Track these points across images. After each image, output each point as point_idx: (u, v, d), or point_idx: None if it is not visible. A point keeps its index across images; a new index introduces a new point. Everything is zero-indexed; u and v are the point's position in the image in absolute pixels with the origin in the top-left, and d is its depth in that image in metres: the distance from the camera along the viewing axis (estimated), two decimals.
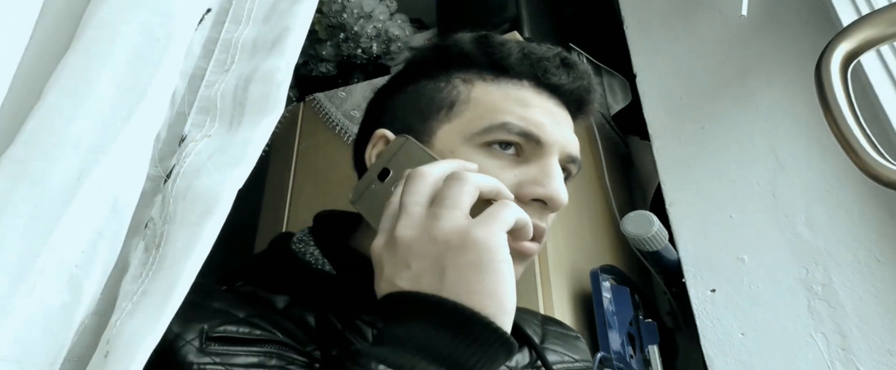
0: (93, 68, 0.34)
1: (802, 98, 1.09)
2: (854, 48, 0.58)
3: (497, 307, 0.38)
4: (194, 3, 0.40)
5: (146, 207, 0.37)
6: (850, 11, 1.02)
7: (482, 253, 0.39)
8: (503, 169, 0.53)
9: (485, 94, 0.56)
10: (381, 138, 0.57)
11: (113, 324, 0.29)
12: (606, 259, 1.17)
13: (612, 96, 1.50)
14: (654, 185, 1.27)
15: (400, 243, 0.41)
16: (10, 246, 0.28)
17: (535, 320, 0.71)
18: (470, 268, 0.39)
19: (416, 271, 0.40)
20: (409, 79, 0.62)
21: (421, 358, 0.36)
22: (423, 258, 0.40)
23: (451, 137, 0.55)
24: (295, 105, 1.47)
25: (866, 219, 0.96)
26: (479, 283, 0.38)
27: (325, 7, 1.51)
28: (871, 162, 0.54)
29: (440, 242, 0.40)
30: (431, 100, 0.58)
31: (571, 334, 0.72)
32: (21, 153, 0.30)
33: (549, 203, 0.53)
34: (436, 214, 0.41)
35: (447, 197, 0.42)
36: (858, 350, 0.89)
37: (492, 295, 0.38)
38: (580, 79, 0.61)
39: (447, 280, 0.39)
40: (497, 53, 0.58)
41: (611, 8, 1.52)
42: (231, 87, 0.41)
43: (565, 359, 0.67)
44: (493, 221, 0.41)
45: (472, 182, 0.43)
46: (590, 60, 1.48)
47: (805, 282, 0.97)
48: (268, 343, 0.45)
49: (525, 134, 0.54)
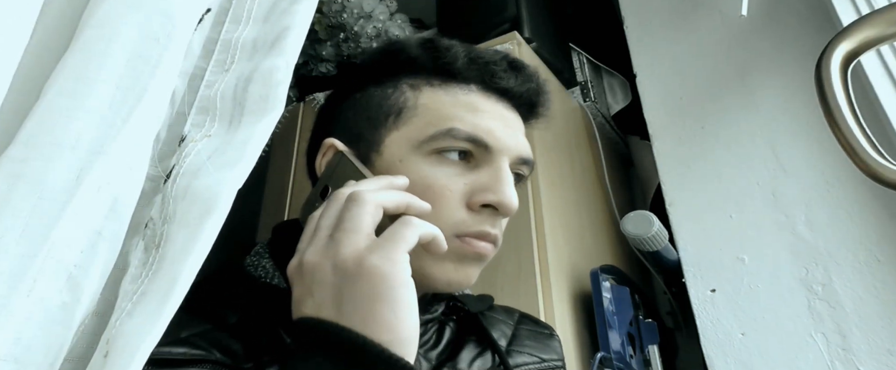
0: (92, 68, 0.33)
1: (802, 98, 1.09)
2: (854, 48, 0.58)
3: (392, 335, 0.38)
4: (194, 3, 0.40)
5: (146, 207, 0.37)
6: (850, 11, 1.02)
7: (376, 281, 0.38)
8: (453, 177, 0.53)
9: (432, 100, 0.56)
10: (329, 147, 0.56)
11: (112, 325, 0.29)
12: (606, 259, 1.17)
13: (612, 96, 1.50)
14: (654, 185, 1.27)
15: (305, 269, 0.41)
16: (10, 246, 0.28)
17: (510, 320, 0.70)
18: (365, 298, 0.38)
19: (318, 300, 0.40)
20: (357, 85, 0.61)
21: None
22: (323, 286, 0.40)
23: (400, 145, 0.54)
24: (295, 105, 1.47)
25: (866, 219, 0.96)
26: (373, 313, 0.38)
27: (325, 7, 1.51)
28: (871, 162, 0.54)
29: (339, 270, 0.40)
30: (379, 107, 0.57)
31: (545, 332, 0.71)
32: (20, 153, 0.30)
33: (500, 209, 0.53)
34: (336, 240, 0.41)
35: (345, 220, 0.42)
36: (858, 350, 0.89)
37: (386, 324, 0.38)
38: (528, 81, 0.60)
39: (344, 310, 0.38)
40: (443, 58, 0.57)
41: (611, 8, 1.53)
42: (231, 87, 0.41)
43: (534, 359, 0.66)
44: (390, 244, 0.40)
45: (370, 202, 0.42)
46: (590, 60, 1.48)
47: (805, 282, 0.97)
48: (202, 362, 0.45)
49: (473, 139, 0.53)
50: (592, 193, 1.28)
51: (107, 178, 0.33)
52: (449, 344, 0.60)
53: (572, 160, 1.24)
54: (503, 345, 0.64)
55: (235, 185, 0.37)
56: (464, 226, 0.52)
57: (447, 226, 0.51)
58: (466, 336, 0.62)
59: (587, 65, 1.46)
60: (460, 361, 0.58)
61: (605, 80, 1.52)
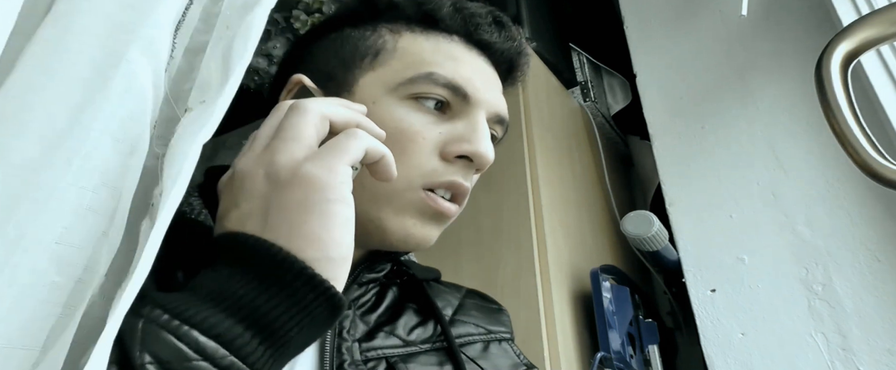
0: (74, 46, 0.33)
1: (802, 98, 1.09)
2: (854, 48, 0.58)
3: (318, 252, 0.33)
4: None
5: (154, 187, 0.35)
6: (850, 11, 1.02)
7: (310, 191, 0.34)
8: (427, 124, 0.50)
9: (412, 44, 0.53)
10: (297, 84, 0.52)
11: (115, 306, 0.29)
12: (606, 259, 1.17)
13: (612, 96, 1.50)
14: (654, 185, 1.27)
15: (236, 178, 0.37)
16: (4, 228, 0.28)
17: (457, 293, 0.65)
18: (294, 208, 0.34)
19: (244, 211, 0.35)
20: (333, 27, 0.58)
21: (211, 305, 0.31)
22: (252, 196, 0.36)
23: (374, 87, 0.51)
24: None
25: (866, 219, 0.96)
26: (301, 225, 0.33)
27: (324, 7, 1.51)
28: (871, 162, 0.54)
29: (271, 178, 0.36)
30: (355, 48, 0.54)
31: (493, 306, 0.67)
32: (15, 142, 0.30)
33: (476, 159, 0.51)
34: (272, 148, 0.37)
35: (286, 128, 0.37)
36: (858, 350, 0.89)
37: (314, 238, 0.33)
38: (511, 40, 0.58)
39: (270, 221, 0.34)
40: (428, 5, 0.55)
41: (611, 8, 1.53)
42: (220, 53, 0.40)
43: (480, 330, 0.61)
44: (330, 154, 0.36)
45: (314, 110, 0.38)
46: (590, 60, 1.48)
47: (805, 282, 0.97)
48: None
49: (452, 86, 0.51)
50: (592, 193, 1.28)
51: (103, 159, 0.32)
52: (389, 308, 0.56)
53: (572, 160, 1.24)
54: (448, 314, 0.60)
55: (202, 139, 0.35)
56: (435, 175, 0.50)
57: (417, 175, 0.49)
58: (407, 303, 0.58)
59: (587, 65, 1.46)
60: (398, 327, 0.54)
61: (605, 80, 1.53)
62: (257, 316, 0.31)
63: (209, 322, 0.30)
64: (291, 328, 0.32)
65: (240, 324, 0.31)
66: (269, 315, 0.31)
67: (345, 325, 0.50)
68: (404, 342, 0.53)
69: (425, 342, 0.55)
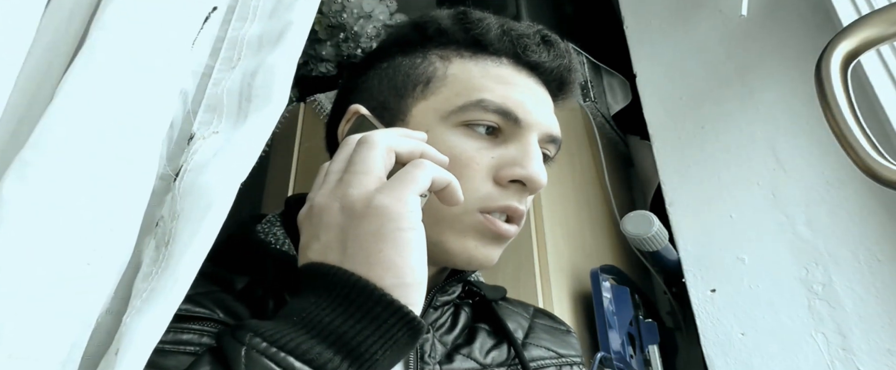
0: (101, 69, 0.34)
1: (802, 98, 1.09)
2: (854, 48, 0.58)
3: (395, 278, 0.35)
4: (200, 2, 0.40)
5: (158, 206, 0.37)
6: (850, 11, 1.03)
7: (383, 221, 0.36)
8: (480, 150, 0.51)
9: (462, 71, 0.54)
10: (354, 114, 0.54)
11: (124, 322, 0.29)
12: (606, 259, 1.17)
13: (612, 96, 1.50)
14: (654, 185, 1.27)
15: (314, 212, 0.40)
16: (23, 245, 0.29)
17: (525, 313, 0.67)
18: (369, 238, 0.36)
19: (324, 242, 0.38)
20: (384, 55, 0.59)
21: (303, 332, 0.33)
22: (330, 228, 0.38)
23: (427, 115, 0.52)
24: (295, 105, 1.47)
25: (866, 219, 0.96)
26: (377, 254, 0.36)
27: (325, 7, 1.51)
28: (871, 162, 0.54)
29: (346, 210, 0.38)
30: (407, 76, 0.55)
31: (562, 328, 0.69)
32: (31, 156, 0.31)
33: (529, 184, 0.52)
34: (345, 181, 0.39)
35: (356, 162, 0.40)
36: (858, 350, 0.89)
37: (390, 266, 0.36)
38: (561, 57, 0.59)
39: (348, 251, 0.36)
40: (476, 29, 0.56)
41: (611, 8, 1.53)
42: (237, 83, 0.41)
43: (550, 353, 0.63)
44: (400, 185, 0.38)
45: (381, 144, 0.40)
46: (590, 60, 1.48)
47: (805, 282, 0.98)
48: (205, 320, 0.43)
49: (503, 111, 0.52)
50: (592, 193, 1.28)
51: (119, 178, 0.33)
52: (463, 329, 0.58)
53: (572, 160, 1.24)
54: (520, 337, 0.62)
55: (237, 179, 0.37)
56: (490, 200, 0.51)
57: (473, 199, 0.50)
58: (479, 323, 0.60)
59: (587, 65, 1.46)
60: (475, 350, 0.56)
61: (605, 80, 1.53)
62: (344, 341, 0.34)
63: (302, 348, 0.33)
64: (376, 351, 0.34)
65: (329, 349, 0.33)
66: (355, 339, 0.34)
67: (425, 349, 0.52)
68: (481, 365, 0.55)
69: (501, 365, 0.57)
